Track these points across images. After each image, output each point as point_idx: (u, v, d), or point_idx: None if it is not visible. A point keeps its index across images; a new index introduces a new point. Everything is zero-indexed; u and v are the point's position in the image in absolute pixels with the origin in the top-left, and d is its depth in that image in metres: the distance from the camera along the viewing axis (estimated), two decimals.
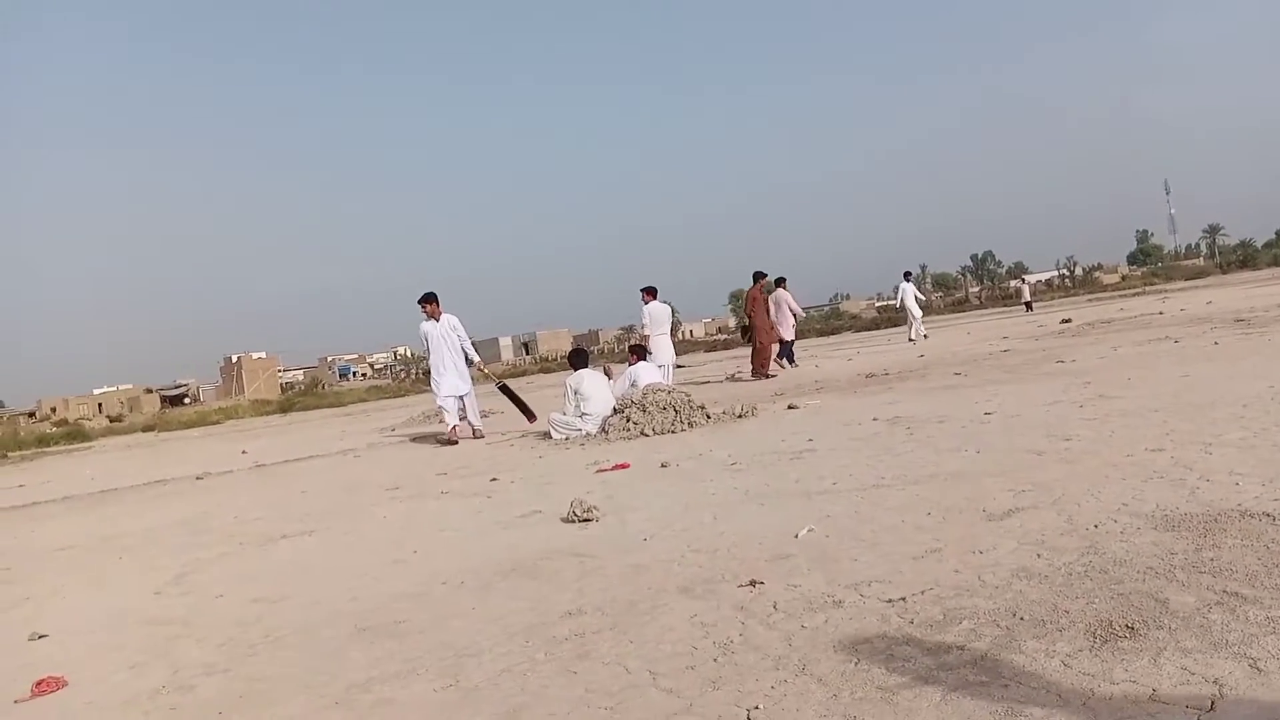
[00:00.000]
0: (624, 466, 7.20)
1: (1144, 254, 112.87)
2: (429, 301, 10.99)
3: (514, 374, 42.98)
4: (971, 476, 5.05)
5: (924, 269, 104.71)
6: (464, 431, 11.15)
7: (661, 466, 6.92)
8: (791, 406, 9.94)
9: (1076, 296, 51.46)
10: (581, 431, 9.70)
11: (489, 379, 13.49)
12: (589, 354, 11.86)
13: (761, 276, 16.17)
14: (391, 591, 4.30)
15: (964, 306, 60.29)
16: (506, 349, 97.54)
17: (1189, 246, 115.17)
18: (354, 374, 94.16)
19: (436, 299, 11.01)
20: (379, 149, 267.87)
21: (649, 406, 9.35)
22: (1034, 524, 3.91)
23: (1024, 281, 47.37)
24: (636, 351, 11.90)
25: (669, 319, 13.89)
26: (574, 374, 10.24)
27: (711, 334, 76.36)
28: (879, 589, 3.35)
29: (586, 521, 5.20)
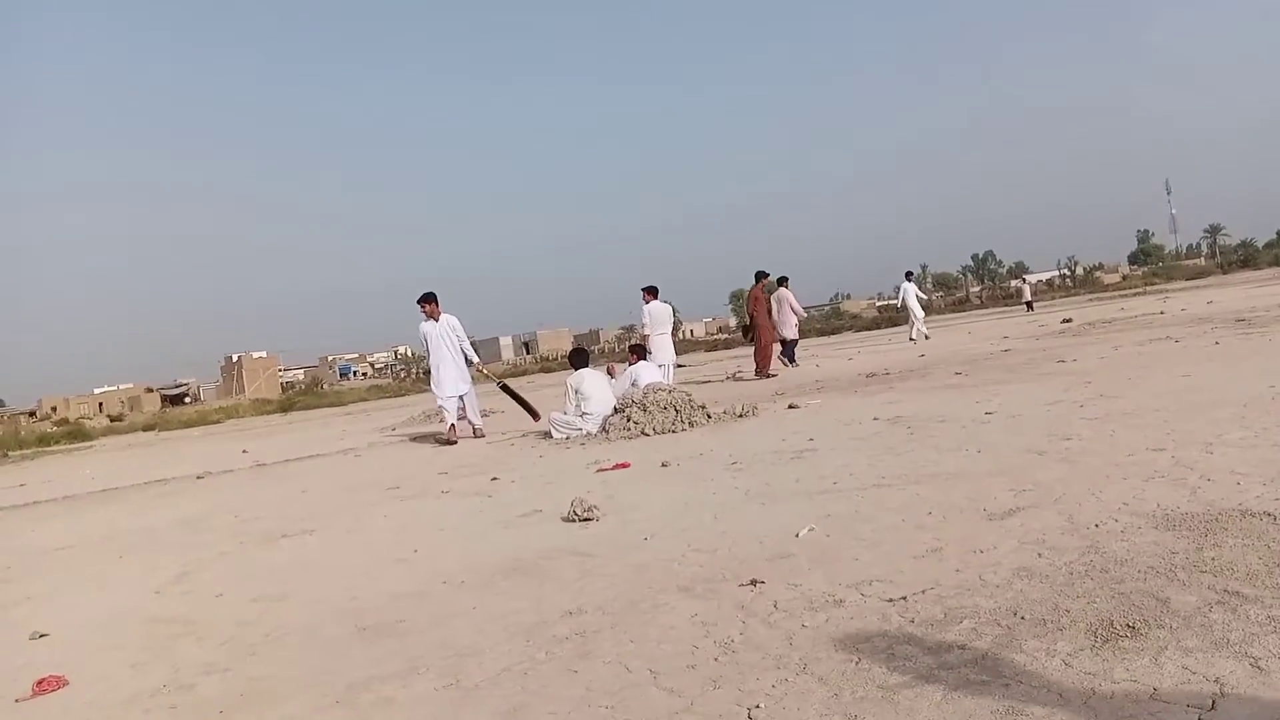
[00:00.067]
0: (625, 466, 7.21)
1: (1145, 254, 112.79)
2: (428, 301, 10.99)
3: (514, 373, 42.96)
4: (972, 476, 5.05)
5: (925, 268, 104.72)
6: (464, 431, 11.16)
7: (662, 466, 6.93)
8: (792, 406, 9.94)
9: (1077, 296, 51.45)
10: (582, 431, 9.71)
11: (489, 379, 13.50)
12: (589, 353, 11.86)
13: (763, 276, 16.16)
14: (392, 591, 4.30)
15: (965, 306, 60.28)
16: (507, 348, 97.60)
17: (1190, 246, 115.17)
18: (355, 373, 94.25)
19: (436, 299, 11.02)
20: (380, 147, 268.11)
21: (650, 406, 9.35)
22: (1035, 523, 3.91)
23: (1025, 281, 47.31)
24: (636, 351, 11.92)
25: (669, 319, 13.89)
26: (575, 373, 10.24)
27: (712, 333, 76.39)
28: (880, 588, 3.35)
29: (587, 521, 5.20)
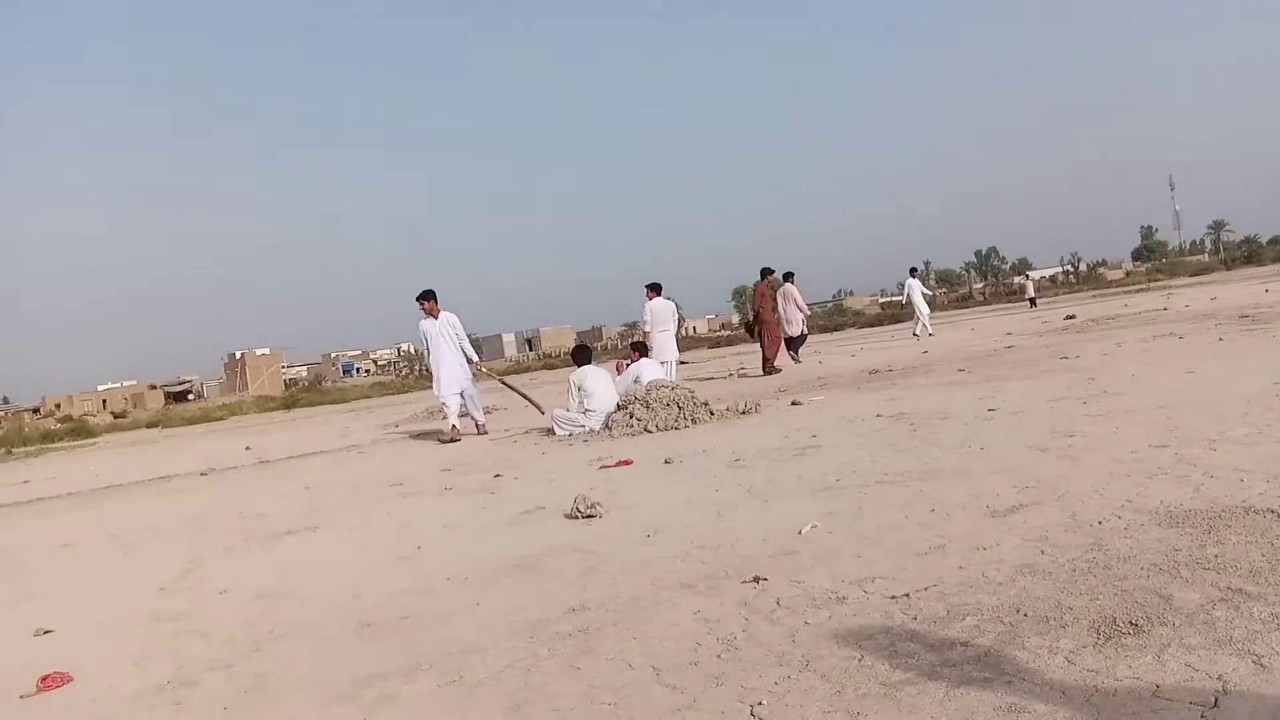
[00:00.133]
0: (627, 463, 7.21)
1: (1148, 250, 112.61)
2: (427, 299, 10.96)
3: (517, 370, 42.99)
4: (975, 473, 5.04)
5: (928, 265, 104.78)
6: (467, 427, 11.16)
7: (665, 463, 6.93)
8: (795, 403, 9.94)
9: (1081, 293, 51.38)
10: (585, 428, 9.71)
11: (489, 377, 13.48)
12: (592, 350, 11.86)
13: (769, 272, 16.14)
14: (395, 588, 4.30)
15: (968, 303, 60.20)
16: (510, 345, 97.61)
17: (1194, 242, 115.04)
18: (358, 370, 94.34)
19: (435, 296, 11.00)
20: (383, 144, 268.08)
21: (652, 403, 9.35)
22: (1038, 520, 3.91)
23: (1028, 278, 47.24)
24: (638, 349, 11.91)
25: (672, 316, 13.87)
26: (578, 370, 10.24)
27: (715, 330, 76.35)
28: (882, 585, 3.35)
29: (590, 518, 5.20)
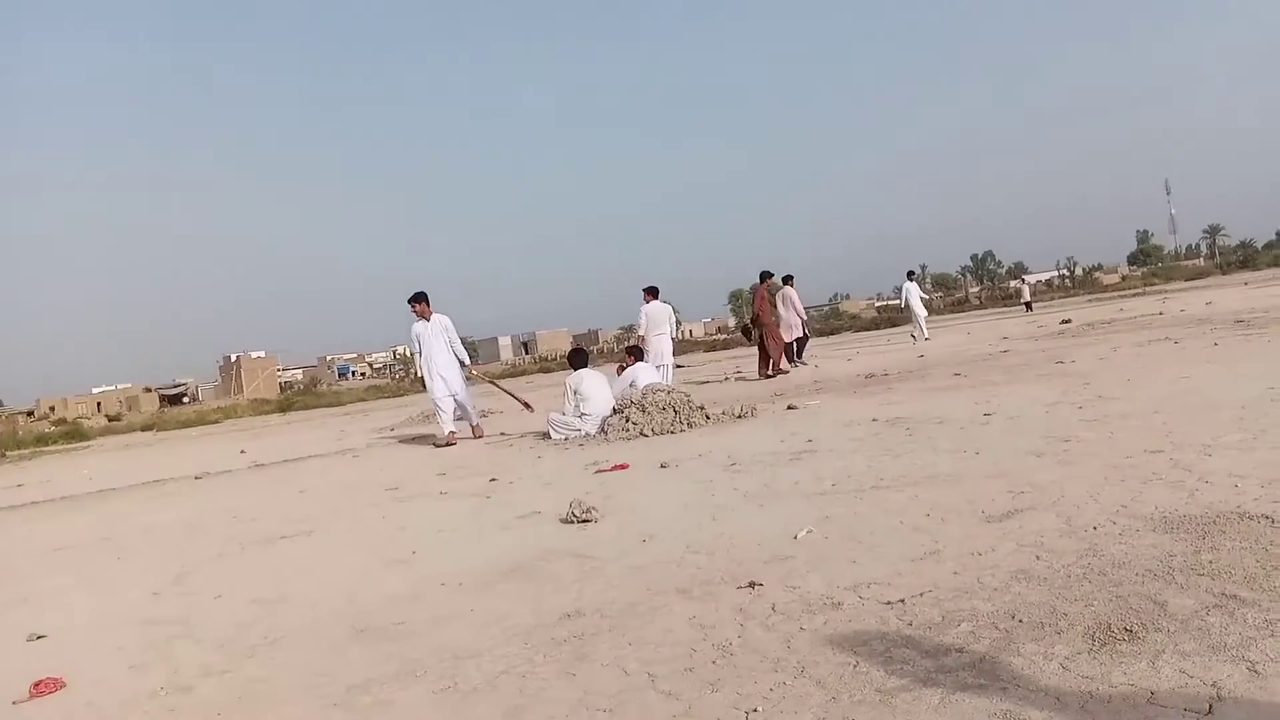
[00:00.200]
0: (623, 467, 7.20)
1: (1144, 254, 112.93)
2: (419, 301, 10.89)
3: (513, 374, 42.97)
4: (970, 478, 5.05)
5: (924, 268, 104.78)
6: (462, 431, 11.14)
7: (661, 467, 6.93)
8: (791, 407, 9.94)
9: (1076, 297, 51.48)
10: (581, 432, 9.70)
11: (480, 380, 13.42)
12: (588, 354, 11.86)
13: (768, 276, 16.15)
14: (390, 592, 4.29)
15: (964, 306, 60.36)
16: (506, 349, 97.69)
17: (1189, 247, 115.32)
18: (353, 373, 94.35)
19: (427, 299, 10.93)
20: (379, 146, 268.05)
21: (648, 407, 9.35)
22: (1033, 526, 3.91)
23: (1024, 281, 47.39)
24: (634, 353, 11.90)
25: (667, 319, 13.87)
26: (574, 374, 10.24)
27: (711, 334, 76.40)
28: (878, 591, 3.35)
29: (586, 522, 5.20)
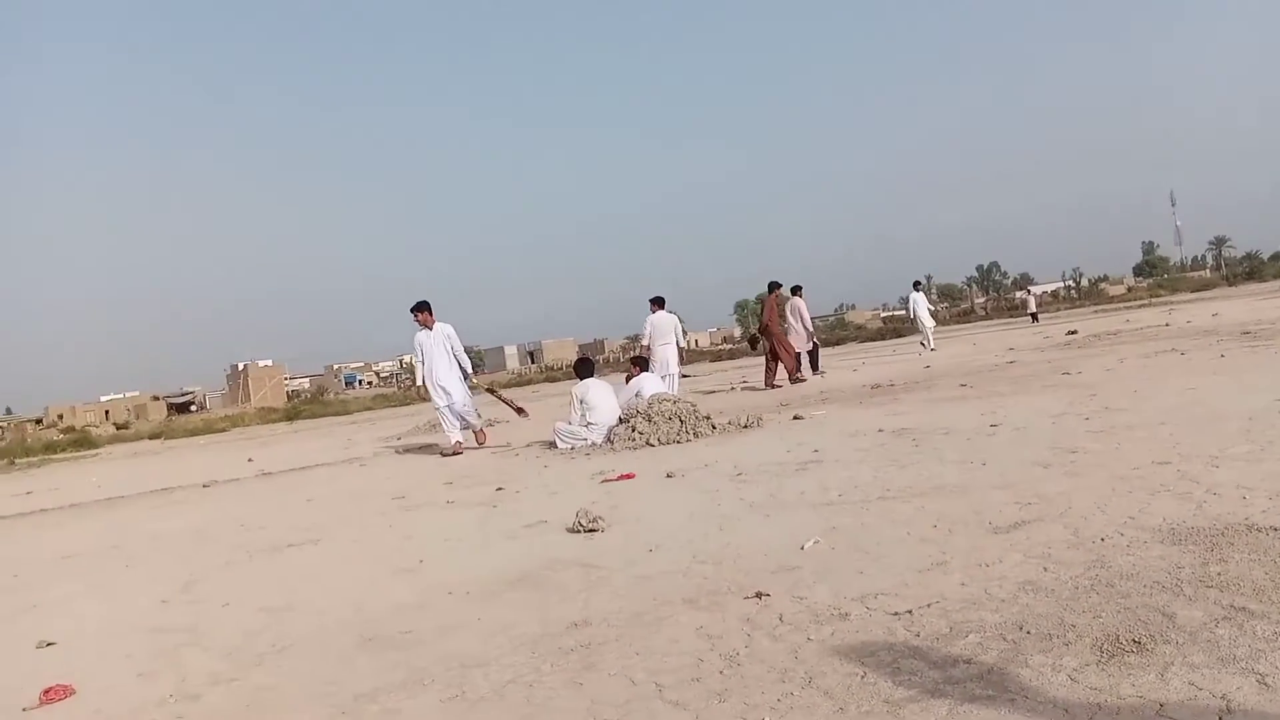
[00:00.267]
0: (629, 477, 7.20)
1: (1150, 265, 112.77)
2: (421, 310, 10.93)
3: (519, 383, 43.03)
4: (977, 489, 5.04)
5: (929, 279, 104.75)
6: (467, 439, 11.14)
7: (667, 477, 6.93)
8: (797, 417, 9.94)
9: (1082, 308, 51.43)
10: (587, 441, 9.71)
11: (479, 389, 13.40)
12: (594, 363, 11.87)
13: (777, 286, 16.17)
14: (397, 601, 4.30)
15: (969, 317, 60.32)
16: (512, 358, 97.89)
17: (1195, 258, 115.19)
18: (360, 382, 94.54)
19: (429, 308, 10.96)
20: (387, 155, 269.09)
21: (654, 416, 9.36)
22: (1040, 537, 3.91)
23: (1029, 292, 47.29)
24: (639, 363, 11.91)
25: (673, 329, 13.88)
26: (580, 383, 10.25)
27: (717, 343, 76.39)
28: (885, 601, 3.34)
29: (592, 532, 5.20)
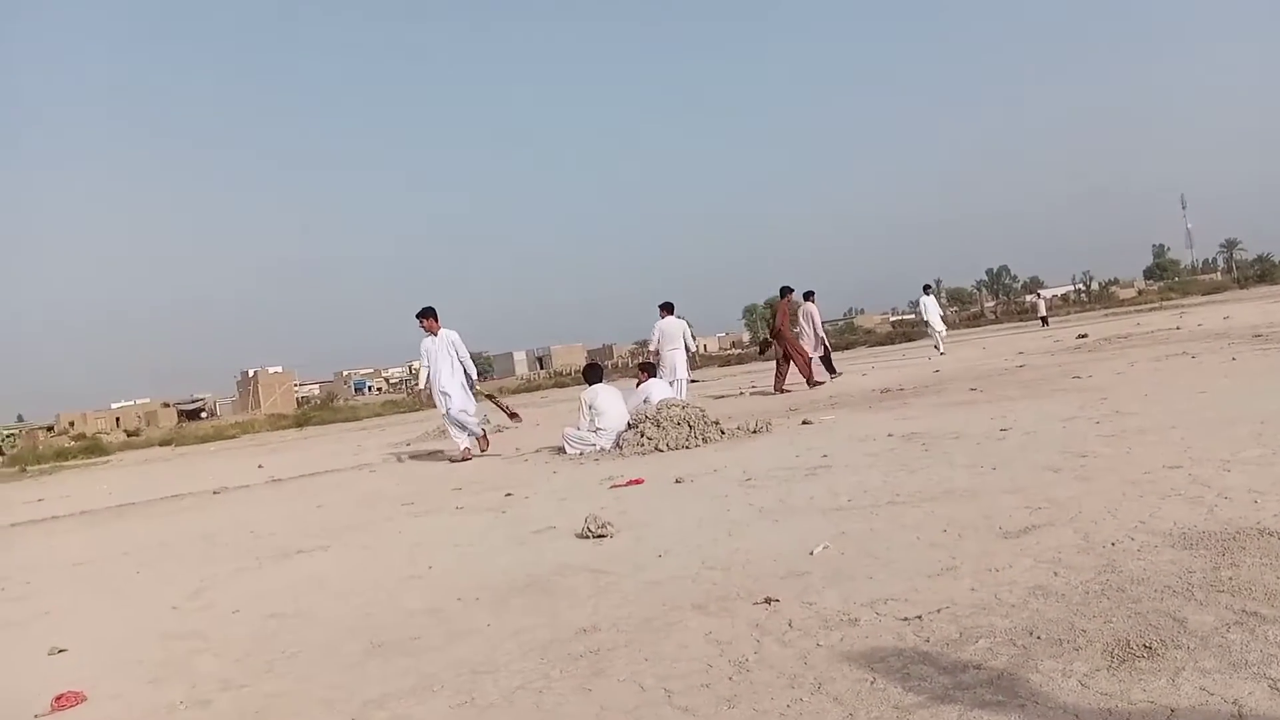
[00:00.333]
0: (638, 482, 7.21)
1: (1161, 269, 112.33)
2: (427, 316, 10.99)
3: (528, 388, 43.09)
4: (987, 493, 5.03)
5: (939, 283, 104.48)
6: (473, 447, 11.13)
7: (676, 482, 6.93)
8: (806, 422, 9.93)
9: (1093, 311, 51.23)
10: (596, 446, 9.72)
11: (481, 396, 13.42)
12: (603, 369, 11.88)
13: (789, 291, 16.17)
14: (407, 607, 4.31)
15: (979, 321, 60.13)
16: (521, 364, 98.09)
17: (1206, 261, 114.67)
18: (370, 388, 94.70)
19: (435, 314, 11.01)
20: (394, 161, 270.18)
21: (663, 422, 9.36)
22: (1051, 542, 3.89)
23: (1040, 296, 47.17)
24: (646, 369, 11.91)
25: (681, 334, 13.88)
26: (589, 389, 10.26)
27: (726, 348, 76.36)
28: (895, 607, 3.34)
29: (601, 537, 5.21)
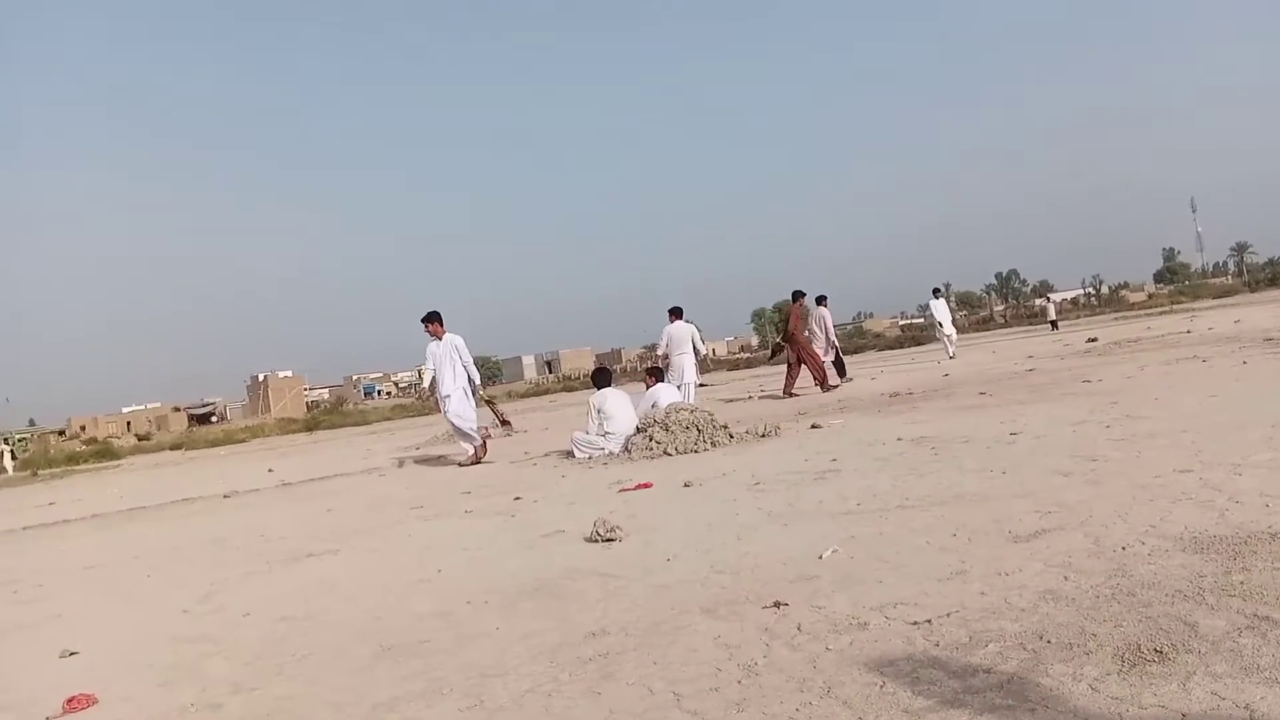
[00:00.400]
0: (647, 486, 7.21)
1: (1171, 272, 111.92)
2: (432, 321, 11.06)
3: (537, 392, 43.14)
4: (997, 497, 5.01)
5: (948, 287, 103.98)
6: (478, 451, 11.12)
7: (684, 486, 6.93)
8: (815, 426, 9.91)
9: (1102, 315, 51.06)
10: (604, 450, 9.72)
11: (481, 401, 13.41)
12: (612, 373, 11.89)
13: (801, 295, 16.16)
14: (416, 611, 4.32)
15: (989, 325, 60.00)
16: (529, 367, 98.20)
17: (1216, 264, 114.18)
18: (379, 392, 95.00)
19: (440, 318, 11.07)
20: (403, 165, 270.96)
21: (672, 425, 9.36)
22: (1061, 546, 3.88)
23: (1049, 300, 46.89)
24: (654, 373, 11.91)
25: (690, 339, 13.87)
26: (597, 393, 10.27)
27: (734, 352, 76.30)
28: (904, 611, 3.33)
29: (610, 541, 5.21)
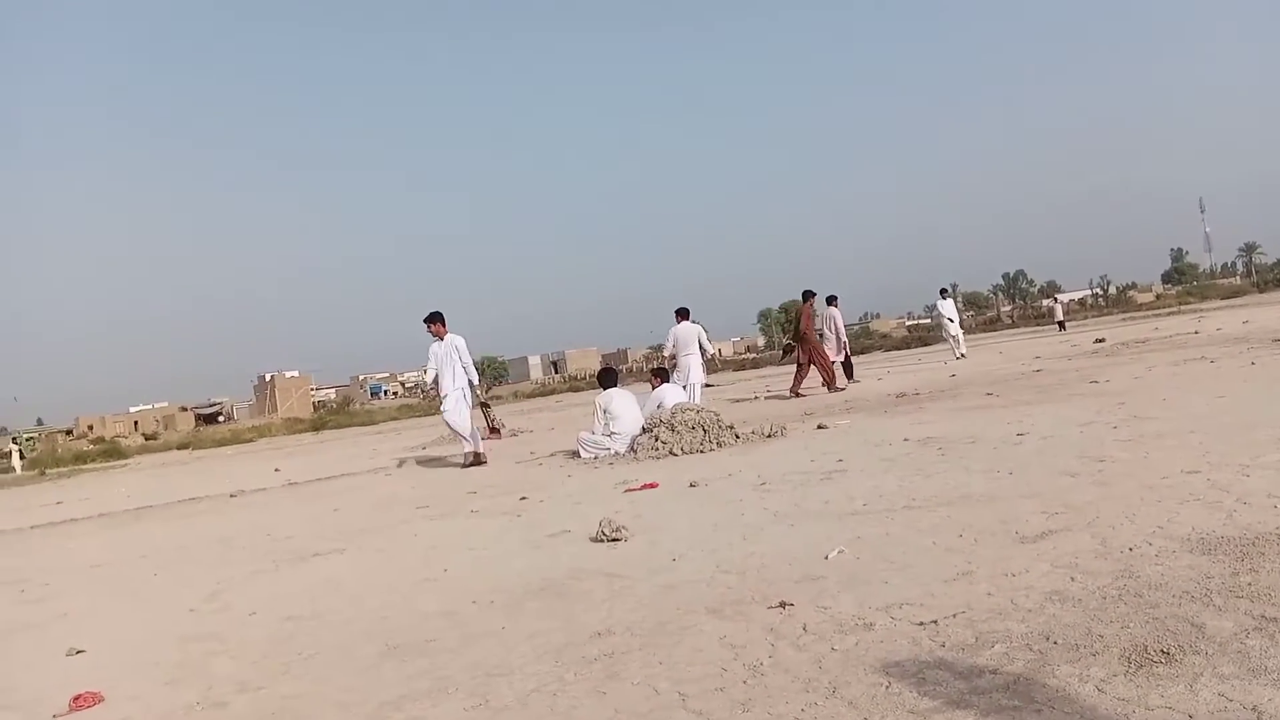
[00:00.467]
0: (653, 486, 7.21)
1: (1179, 272, 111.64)
2: (434, 321, 11.09)
3: (543, 393, 43.17)
4: (1004, 498, 5.00)
5: (955, 287, 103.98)
6: (483, 452, 11.13)
7: (690, 486, 6.92)
8: (821, 426, 9.90)
9: (1110, 316, 50.87)
10: (610, 450, 9.73)
11: (480, 403, 13.46)
12: (618, 373, 11.90)
13: (811, 295, 16.15)
14: (422, 610, 4.33)
15: (996, 326, 59.78)
16: (535, 368, 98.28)
17: (1225, 265, 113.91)
18: (385, 392, 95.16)
19: (442, 319, 11.10)
20: (403, 165, 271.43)
21: (678, 426, 9.36)
22: (1067, 547, 3.87)
23: (1056, 300, 46.82)
24: (659, 374, 11.91)
25: (696, 339, 13.87)
26: (603, 393, 10.28)
27: (740, 353, 76.25)
28: (910, 611, 3.32)
29: (615, 541, 5.21)
